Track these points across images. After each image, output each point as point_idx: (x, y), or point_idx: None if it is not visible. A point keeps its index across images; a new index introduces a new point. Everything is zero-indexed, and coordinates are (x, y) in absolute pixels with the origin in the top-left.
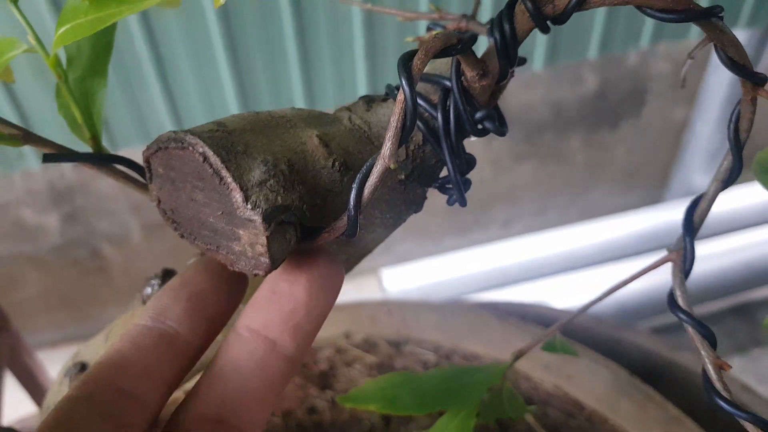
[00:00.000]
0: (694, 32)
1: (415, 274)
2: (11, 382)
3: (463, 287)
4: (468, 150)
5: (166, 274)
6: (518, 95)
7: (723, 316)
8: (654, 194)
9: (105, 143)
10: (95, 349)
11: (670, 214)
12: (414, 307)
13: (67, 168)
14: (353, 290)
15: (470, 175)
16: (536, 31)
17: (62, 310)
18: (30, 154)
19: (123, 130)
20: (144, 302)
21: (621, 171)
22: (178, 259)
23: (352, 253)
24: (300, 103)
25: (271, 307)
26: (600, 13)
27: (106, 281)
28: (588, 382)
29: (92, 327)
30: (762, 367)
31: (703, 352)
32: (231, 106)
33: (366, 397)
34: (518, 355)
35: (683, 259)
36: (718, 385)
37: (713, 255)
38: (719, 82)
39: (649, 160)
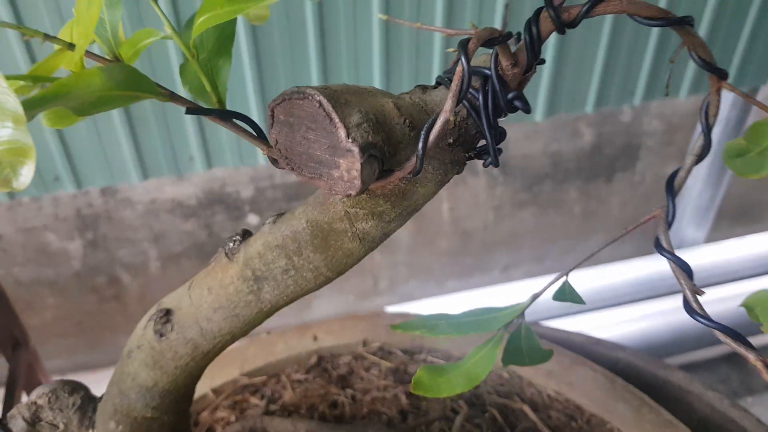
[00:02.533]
0: (683, 92)
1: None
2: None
3: None
4: (473, 197)
5: (245, 234)
6: (520, 146)
7: (717, 363)
8: (648, 245)
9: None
10: (178, 298)
11: (662, 265)
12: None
13: (94, 196)
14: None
15: (473, 221)
16: (542, 84)
17: (75, 336)
18: (65, 178)
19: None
20: (226, 255)
21: (616, 222)
22: None
23: (405, 206)
24: None
25: None
26: (597, 70)
27: (120, 309)
28: (587, 388)
29: (103, 354)
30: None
31: (682, 281)
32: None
33: (413, 325)
34: (535, 296)
35: (666, 213)
36: (695, 305)
37: (709, 302)
38: None
39: (643, 212)
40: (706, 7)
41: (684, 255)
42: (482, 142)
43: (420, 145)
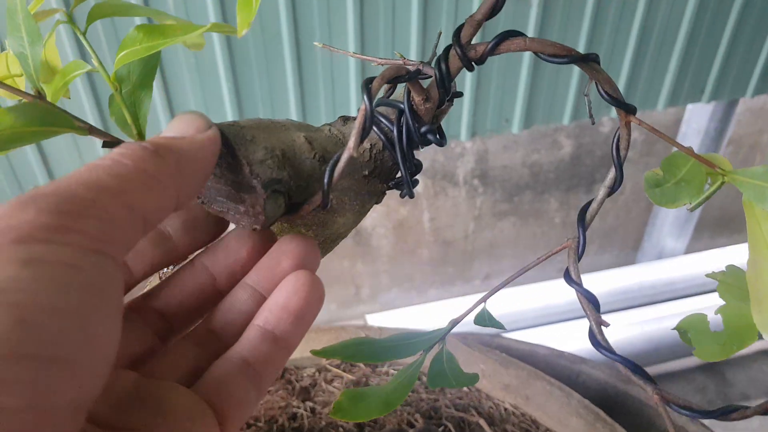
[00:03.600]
0: (661, 103)
1: (399, 322)
2: None
3: None
4: (453, 207)
5: None
6: (499, 157)
7: (693, 373)
8: (628, 256)
9: None
10: None
11: (642, 275)
12: (389, 333)
13: None
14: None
15: (454, 231)
16: (518, 97)
17: None
18: None
19: None
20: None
21: (596, 232)
22: None
23: (327, 235)
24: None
25: (264, 267)
26: (573, 83)
27: None
28: (543, 402)
29: None
30: (730, 425)
31: (587, 312)
32: None
33: (333, 351)
34: (455, 322)
35: (577, 245)
36: (599, 337)
37: (688, 312)
38: None
39: (622, 223)
40: (682, 21)
41: (663, 265)
42: (400, 174)
43: (325, 180)
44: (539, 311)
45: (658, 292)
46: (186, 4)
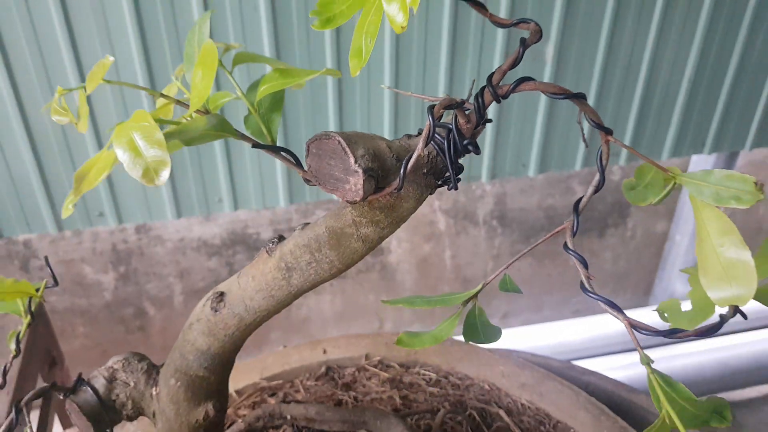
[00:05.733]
0: (666, 154)
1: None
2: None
3: None
4: (474, 246)
5: (281, 238)
6: (517, 200)
7: None
8: (641, 299)
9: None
10: (229, 284)
11: (654, 316)
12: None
13: (130, 233)
14: None
15: (473, 269)
16: (534, 143)
17: (99, 365)
18: (108, 213)
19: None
20: (267, 252)
21: (609, 275)
22: None
23: (394, 217)
24: None
25: None
26: (584, 132)
27: (144, 339)
28: (555, 398)
29: None
30: None
31: (579, 270)
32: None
33: (398, 301)
34: (485, 284)
35: (572, 224)
36: (587, 285)
37: (697, 352)
38: None
39: (634, 267)
40: (683, 79)
41: None
42: (448, 173)
43: (402, 170)
44: (556, 347)
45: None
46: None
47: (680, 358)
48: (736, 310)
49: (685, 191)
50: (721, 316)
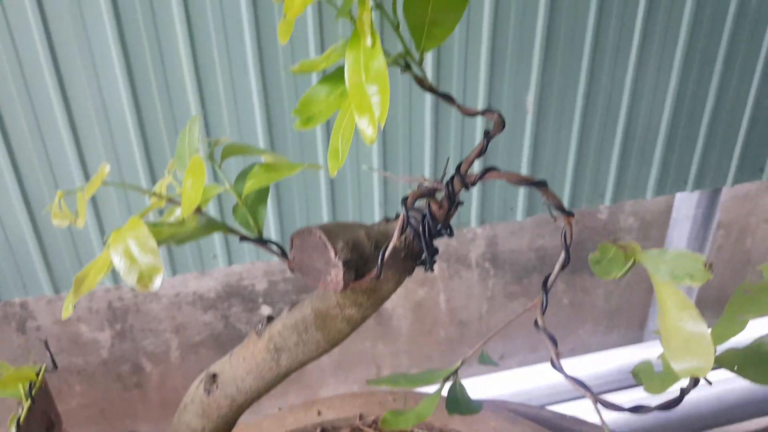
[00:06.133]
0: (649, 193)
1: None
2: None
3: None
4: (467, 288)
5: (269, 318)
6: (507, 241)
7: None
8: (635, 333)
9: None
10: (221, 365)
11: (648, 353)
12: (413, 396)
13: (125, 290)
14: None
15: (468, 312)
16: (520, 189)
17: (97, 424)
18: (105, 275)
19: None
20: (256, 333)
21: (603, 312)
22: None
23: (376, 298)
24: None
25: None
26: (568, 175)
27: (141, 396)
28: None
29: None
30: None
31: (549, 347)
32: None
33: (382, 381)
34: (464, 360)
35: (541, 303)
36: (557, 363)
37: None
38: (680, 237)
39: (626, 304)
40: (661, 121)
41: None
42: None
43: (379, 260)
44: (554, 387)
45: None
46: (232, 79)
47: (677, 393)
48: (696, 380)
49: (672, 227)
50: (681, 389)
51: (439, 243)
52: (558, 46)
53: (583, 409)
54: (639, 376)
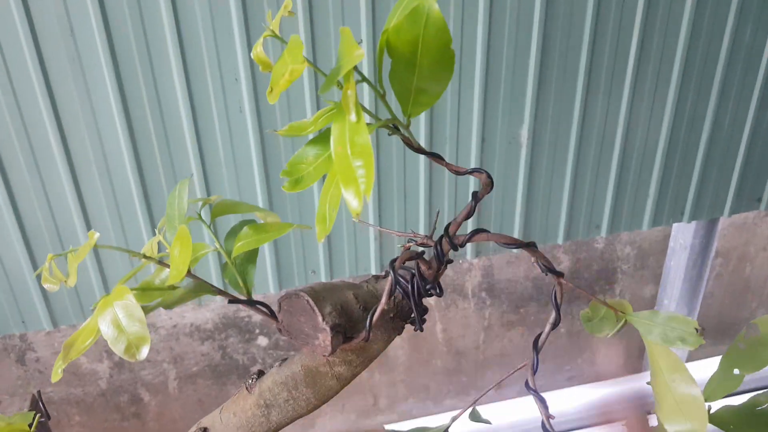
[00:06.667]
0: (645, 225)
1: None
2: None
3: None
4: (464, 318)
5: (260, 373)
6: (504, 272)
7: None
8: (635, 362)
9: None
10: (212, 418)
11: (644, 383)
12: None
13: None
14: None
15: (465, 341)
16: (515, 221)
17: None
18: None
19: None
20: (247, 389)
21: (601, 342)
22: (205, 407)
23: (365, 357)
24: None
25: None
26: (564, 208)
27: (140, 426)
28: None
29: None
30: None
31: (540, 409)
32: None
33: None
34: (455, 418)
35: (533, 363)
36: (548, 426)
37: None
38: (678, 266)
39: (625, 332)
40: (656, 152)
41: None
42: (413, 315)
43: (367, 324)
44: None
45: None
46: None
47: None
48: None
49: (669, 256)
50: None
51: None
52: (551, 80)
53: None
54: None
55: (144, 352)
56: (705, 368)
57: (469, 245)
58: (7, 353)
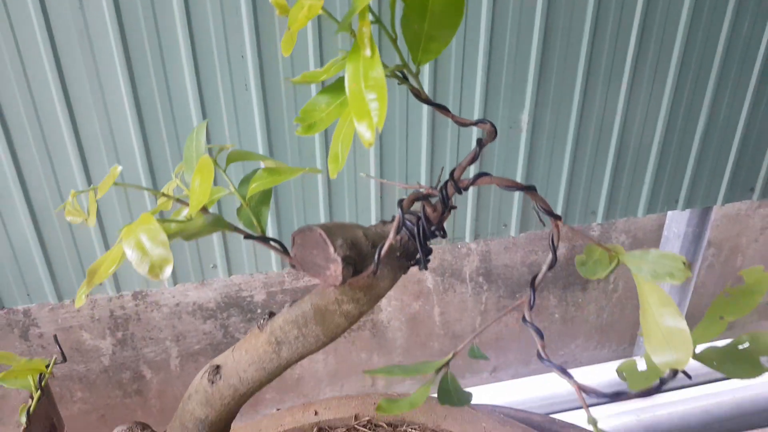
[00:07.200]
0: (641, 211)
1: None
2: None
3: None
4: (461, 302)
5: (271, 314)
6: (501, 257)
7: None
8: (626, 349)
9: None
10: (224, 357)
11: (639, 367)
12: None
13: (127, 299)
14: None
15: (462, 325)
16: (514, 206)
17: (97, 430)
18: (106, 283)
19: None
20: (258, 327)
21: (594, 328)
22: None
23: (372, 294)
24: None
25: None
26: (561, 193)
27: (141, 403)
28: None
29: None
30: None
31: (536, 339)
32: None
33: (377, 371)
34: (455, 353)
35: (529, 299)
36: (543, 354)
37: (673, 402)
38: None
39: (618, 318)
40: (653, 141)
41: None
42: (419, 255)
43: (376, 257)
44: (545, 399)
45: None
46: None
47: (666, 407)
48: (675, 372)
49: (662, 246)
50: (660, 378)
51: (434, 260)
52: (552, 66)
53: (574, 421)
54: (623, 373)
55: (167, 272)
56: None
57: (468, 227)
58: (11, 328)
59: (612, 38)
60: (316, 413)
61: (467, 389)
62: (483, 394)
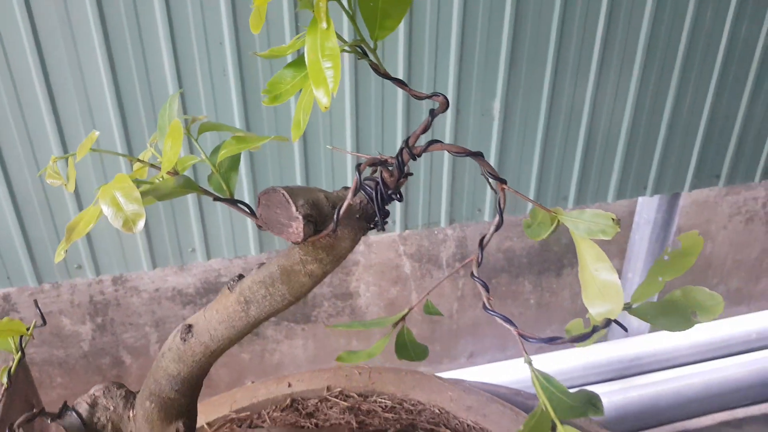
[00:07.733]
0: (611, 197)
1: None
2: None
3: None
4: (438, 288)
5: (240, 276)
6: (477, 243)
7: None
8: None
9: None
10: (196, 317)
11: (612, 351)
12: (377, 370)
13: (107, 285)
14: None
15: (440, 307)
16: (488, 191)
17: None
18: (86, 266)
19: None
20: (228, 288)
21: (569, 313)
22: None
23: (334, 254)
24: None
25: None
26: (533, 179)
27: None
28: (497, 419)
29: None
30: None
31: (482, 292)
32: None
33: (340, 325)
34: (411, 308)
35: (477, 258)
36: (488, 305)
37: (653, 383)
38: (641, 240)
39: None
40: (621, 129)
41: (630, 343)
42: (377, 218)
43: (335, 216)
44: (522, 382)
45: (626, 366)
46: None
47: (637, 389)
48: (608, 321)
49: (635, 231)
50: (594, 326)
51: (412, 245)
52: (523, 55)
53: None
54: (570, 331)
55: (140, 225)
56: (666, 338)
57: (443, 212)
58: None
59: (580, 26)
60: (289, 385)
61: (441, 374)
62: (458, 377)
